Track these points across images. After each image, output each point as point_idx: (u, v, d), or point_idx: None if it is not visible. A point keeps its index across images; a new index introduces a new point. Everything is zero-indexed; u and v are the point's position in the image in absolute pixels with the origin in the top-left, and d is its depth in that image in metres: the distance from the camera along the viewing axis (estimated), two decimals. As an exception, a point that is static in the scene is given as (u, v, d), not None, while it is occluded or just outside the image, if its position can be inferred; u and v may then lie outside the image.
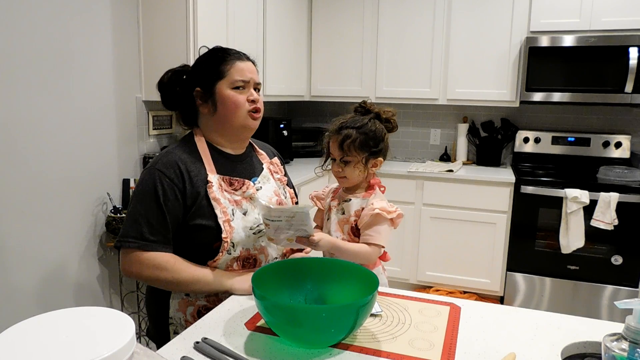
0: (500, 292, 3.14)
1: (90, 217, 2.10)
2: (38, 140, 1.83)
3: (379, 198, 1.42)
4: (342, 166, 1.41)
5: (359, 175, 1.42)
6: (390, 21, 3.40)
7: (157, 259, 1.23)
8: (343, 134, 1.39)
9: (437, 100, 3.39)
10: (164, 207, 1.24)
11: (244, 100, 1.33)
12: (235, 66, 1.33)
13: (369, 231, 1.37)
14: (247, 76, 1.34)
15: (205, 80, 1.33)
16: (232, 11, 2.48)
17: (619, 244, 2.82)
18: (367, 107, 1.47)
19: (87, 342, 0.61)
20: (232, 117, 1.33)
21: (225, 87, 1.32)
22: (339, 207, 1.46)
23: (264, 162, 1.47)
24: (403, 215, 1.42)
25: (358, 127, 1.40)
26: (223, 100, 1.32)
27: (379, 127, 1.42)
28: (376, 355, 0.97)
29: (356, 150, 1.39)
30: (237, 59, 1.34)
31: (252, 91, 1.36)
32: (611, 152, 3.26)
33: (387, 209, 1.36)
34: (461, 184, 3.12)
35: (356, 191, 1.45)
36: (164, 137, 2.49)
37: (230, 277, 1.27)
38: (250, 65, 1.37)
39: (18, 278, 1.79)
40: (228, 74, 1.32)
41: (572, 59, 2.95)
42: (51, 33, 1.86)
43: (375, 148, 1.41)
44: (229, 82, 1.32)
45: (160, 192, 1.24)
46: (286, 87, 3.27)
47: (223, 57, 1.34)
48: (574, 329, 1.09)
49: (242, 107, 1.33)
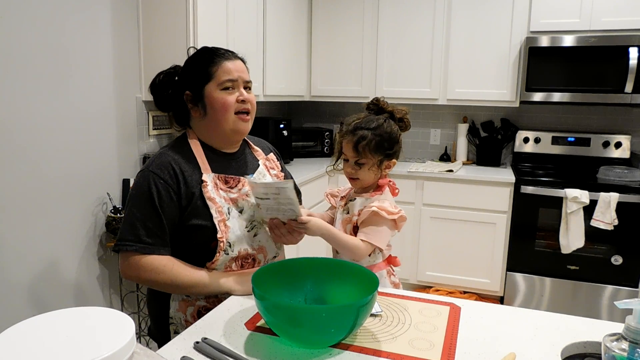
0: (500, 292, 3.14)
1: (90, 217, 2.10)
2: (38, 140, 1.83)
3: (384, 198, 1.39)
4: (356, 168, 1.38)
5: (372, 177, 1.39)
6: (390, 21, 3.40)
7: (155, 262, 1.23)
8: (358, 135, 1.35)
9: (437, 100, 3.39)
10: (160, 210, 1.24)
11: (233, 101, 1.31)
12: (223, 66, 1.31)
13: (365, 228, 1.35)
14: (234, 75, 1.31)
15: (194, 83, 1.32)
16: (232, 11, 2.48)
17: (619, 244, 2.82)
18: (380, 104, 1.42)
19: (87, 342, 0.61)
20: (221, 120, 1.32)
21: (213, 89, 1.30)
22: (345, 207, 1.45)
23: (259, 159, 1.47)
24: (406, 218, 1.38)
25: (374, 128, 1.36)
26: (212, 103, 1.31)
27: (394, 129, 1.39)
28: (376, 355, 0.97)
29: (371, 152, 1.35)
30: (224, 59, 1.32)
31: (241, 90, 1.33)
32: (611, 152, 3.26)
33: (387, 209, 1.33)
34: (461, 184, 3.12)
35: (365, 192, 1.43)
36: (164, 137, 2.49)
37: (228, 279, 1.27)
38: (238, 64, 1.34)
39: (18, 278, 1.79)
40: (216, 76, 1.30)
41: (572, 59, 2.95)
42: (51, 33, 1.86)
43: (390, 150, 1.38)
44: (217, 83, 1.30)
45: (155, 194, 1.24)
46: (286, 87, 3.26)
47: (210, 58, 1.32)
48: (574, 329, 1.09)
49: (231, 109, 1.31)
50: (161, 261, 1.23)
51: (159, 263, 1.23)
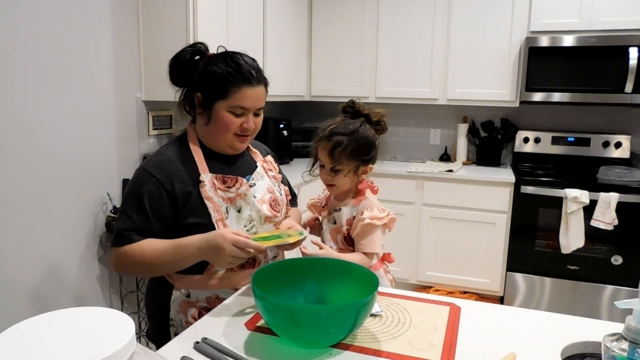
0: (500, 292, 3.14)
1: (90, 217, 2.10)
2: (38, 140, 1.83)
3: (369, 203, 1.38)
4: (332, 175, 1.36)
5: (348, 183, 1.38)
6: (390, 21, 3.40)
7: (133, 247, 1.23)
8: (333, 141, 1.34)
9: (437, 100, 3.39)
10: (148, 207, 1.24)
11: (238, 124, 1.29)
12: (241, 92, 1.26)
13: (363, 241, 1.35)
14: (249, 104, 1.28)
15: (208, 93, 1.29)
16: (232, 11, 2.48)
17: (619, 244, 2.82)
18: (356, 107, 1.41)
19: (87, 342, 0.61)
20: (220, 136, 1.31)
21: (223, 107, 1.28)
22: (329, 217, 1.44)
23: (257, 160, 1.47)
24: (395, 219, 1.38)
25: (349, 133, 1.34)
26: (217, 119, 1.29)
27: (371, 133, 1.37)
28: (376, 355, 0.97)
29: (347, 158, 1.34)
30: (246, 84, 1.26)
31: (249, 117, 1.30)
32: (611, 152, 3.26)
33: (377, 217, 1.33)
34: (461, 184, 3.12)
35: (346, 198, 1.42)
36: (164, 137, 2.49)
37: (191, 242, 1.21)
38: (258, 92, 1.29)
39: (18, 278, 1.79)
40: (230, 97, 1.26)
41: (572, 59, 2.95)
42: (51, 33, 1.85)
43: (367, 156, 1.36)
44: (228, 104, 1.27)
45: (146, 191, 1.24)
46: (286, 87, 3.26)
47: (233, 75, 1.26)
48: (573, 329, 1.09)
49: (232, 130, 1.30)
50: (133, 247, 1.23)
51: (135, 248, 1.22)
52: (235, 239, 1.15)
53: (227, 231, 1.18)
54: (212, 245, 1.17)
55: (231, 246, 1.14)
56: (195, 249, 1.20)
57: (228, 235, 1.16)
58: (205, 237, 1.19)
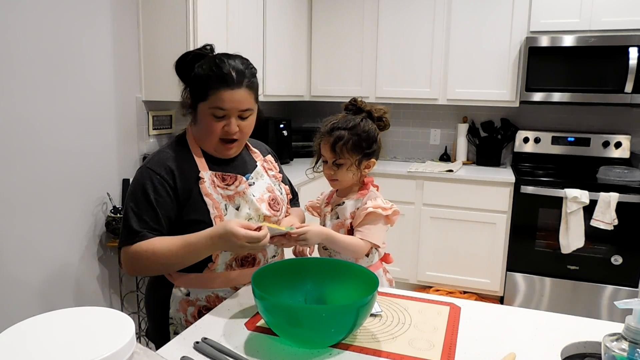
0: (500, 292, 3.14)
1: (90, 217, 2.10)
2: (38, 140, 1.83)
3: (373, 196, 1.39)
4: (334, 169, 1.38)
5: (351, 178, 1.39)
6: (390, 21, 3.40)
7: (143, 246, 1.21)
8: (335, 135, 1.36)
9: (437, 100, 3.39)
10: (155, 203, 1.24)
11: (219, 128, 1.28)
12: (219, 95, 1.25)
13: (361, 228, 1.35)
14: (226, 106, 1.26)
15: (192, 94, 1.30)
16: (232, 11, 2.48)
17: (619, 244, 2.82)
18: (358, 104, 1.42)
19: (87, 342, 0.61)
20: (206, 138, 1.32)
21: (205, 109, 1.28)
22: (332, 213, 1.44)
23: (257, 160, 1.47)
24: (399, 212, 1.39)
25: (350, 127, 1.36)
26: (201, 121, 1.30)
27: (372, 127, 1.38)
28: (376, 355, 0.97)
29: (349, 152, 1.35)
30: (224, 86, 1.25)
31: (231, 120, 1.28)
32: (611, 152, 3.26)
33: (381, 206, 1.34)
34: (461, 184, 3.12)
35: (349, 193, 1.43)
36: (164, 137, 2.49)
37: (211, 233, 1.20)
38: (237, 95, 1.26)
39: (18, 278, 1.79)
40: (209, 100, 1.26)
41: (572, 59, 2.95)
42: (51, 33, 1.86)
43: (369, 149, 1.38)
44: (208, 106, 1.26)
45: (151, 188, 1.25)
46: (286, 87, 3.26)
47: (212, 78, 1.25)
48: (573, 329, 1.09)
49: (215, 135, 1.29)
50: (143, 246, 1.21)
51: (147, 246, 1.21)
52: (243, 224, 1.16)
53: (233, 220, 1.19)
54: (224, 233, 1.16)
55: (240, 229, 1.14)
56: (207, 239, 1.19)
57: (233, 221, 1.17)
58: (215, 227, 1.20)
